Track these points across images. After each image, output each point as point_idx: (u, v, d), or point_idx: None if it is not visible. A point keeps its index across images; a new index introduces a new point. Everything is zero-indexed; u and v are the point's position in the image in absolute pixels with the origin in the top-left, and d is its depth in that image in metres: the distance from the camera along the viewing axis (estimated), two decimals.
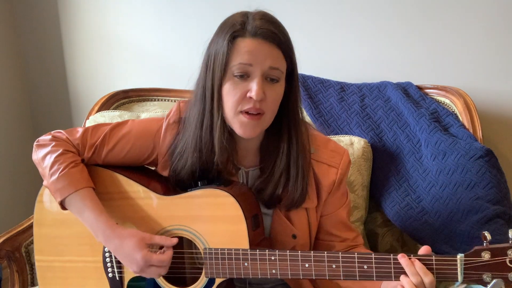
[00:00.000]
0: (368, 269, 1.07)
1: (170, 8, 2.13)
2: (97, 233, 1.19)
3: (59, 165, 1.20)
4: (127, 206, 1.25)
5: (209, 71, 1.17)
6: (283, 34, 1.15)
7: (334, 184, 1.26)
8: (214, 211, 1.18)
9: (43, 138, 1.28)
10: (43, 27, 2.32)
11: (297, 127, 1.21)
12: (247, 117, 1.13)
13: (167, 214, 1.22)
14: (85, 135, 1.27)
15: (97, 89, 2.27)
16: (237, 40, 1.12)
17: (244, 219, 1.15)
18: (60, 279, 1.31)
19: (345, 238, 1.31)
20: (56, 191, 1.20)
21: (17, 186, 2.40)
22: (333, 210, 1.29)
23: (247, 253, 1.14)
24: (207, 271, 1.18)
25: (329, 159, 1.26)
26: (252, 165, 1.27)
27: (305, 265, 1.11)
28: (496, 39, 1.81)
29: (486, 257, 0.99)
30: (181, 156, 1.22)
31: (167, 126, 1.26)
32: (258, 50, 1.11)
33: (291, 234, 1.24)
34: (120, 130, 1.27)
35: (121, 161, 1.28)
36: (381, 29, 1.91)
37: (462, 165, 1.54)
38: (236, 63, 1.12)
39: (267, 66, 1.12)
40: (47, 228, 1.31)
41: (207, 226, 1.19)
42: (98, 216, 1.18)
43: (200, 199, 1.19)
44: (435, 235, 1.50)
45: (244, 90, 1.12)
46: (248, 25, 1.13)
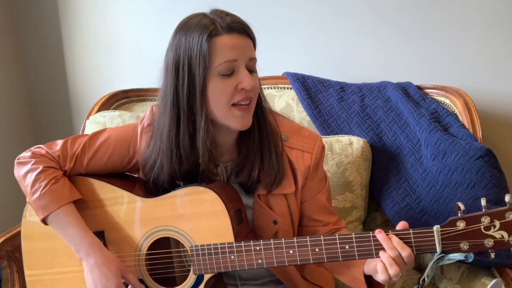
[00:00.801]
0: (350, 249, 1.10)
1: (170, 8, 2.13)
2: (79, 249, 1.21)
3: (40, 182, 1.22)
4: (111, 212, 1.26)
5: (182, 76, 1.16)
6: (249, 26, 1.19)
7: (310, 169, 1.28)
8: (197, 208, 1.19)
9: (23, 155, 1.30)
10: (43, 27, 2.33)
11: (263, 111, 1.25)
12: (240, 109, 1.16)
13: (152, 216, 1.23)
14: (65, 146, 1.28)
15: (97, 89, 2.28)
16: (215, 39, 1.13)
17: (227, 212, 1.16)
18: None
19: (327, 222, 1.33)
20: (38, 208, 1.22)
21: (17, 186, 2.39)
22: (313, 196, 1.31)
23: (233, 245, 1.16)
24: (195, 268, 1.19)
25: (302, 145, 1.29)
26: (231, 160, 1.28)
27: (289, 251, 1.13)
28: (496, 39, 1.81)
29: (461, 226, 1.03)
30: (155, 166, 1.22)
31: (142, 130, 1.28)
32: (238, 44, 1.14)
33: (272, 220, 1.26)
34: (98, 137, 1.29)
35: (103, 168, 1.29)
36: (381, 29, 1.91)
37: (462, 165, 1.54)
38: (222, 61, 1.12)
39: (247, 58, 1.16)
40: (35, 242, 1.32)
41: (191, 224, 1.20)
42: (83, 232, 1.21)
43: (183, 198, 1.21)
44: None
45: (234, 84, 1.14)
46: (219, 23, 1.14)
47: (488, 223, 1.02)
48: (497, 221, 1.02)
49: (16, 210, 2.35)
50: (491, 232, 1.02)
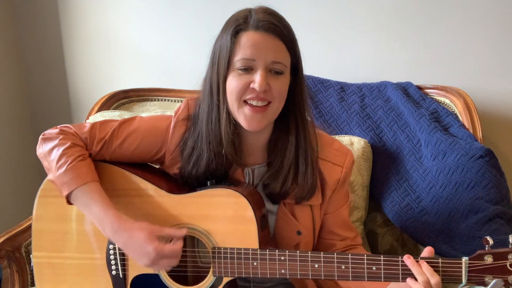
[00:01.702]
0: (376, 270, 1.09)
1: (170, 8, 2.13)
2: (104, 227, 1.17)
3: (66, 158, 1.19)
4: (134, 204, 1.25)
5: (214, 66, 1.19)
6: (285, 26, 1.16)
7: (338, 183, 1.28)
8: (224, 210, 1.18)
9: (49, 132, 1.26)
10: (43, 27, 2.32)
11: (304, 120, 1.22)
12: (251, 109, 1.14)
13: (176, 213, 1.22)
14: (94, 129, 1.26)
15: (97, 89, 2.28)
16: (240, 34, 1.14)
17: (255, 219, 1.16)
18: (59, 276, 1.30)
19: (345, 237, 1.32)
20: (63, 184, 1.19)
21: (17, 186, 2.40)
22: (336, 209, 1.31)
23: (257, 253, 1.15)
24: (215, 270, 1.18)
25: (334, 158, 1.27)
26: (258, 163, 1.27)
27: (314, 265, 1.12)
28: (496, 39, 1.81)
29: (488, 260, 1.04)
30: (193, 151, 1.23)
31: (176, 123, 1.26)
32: (261, 43, 1.13)
33: (296, 231, 1.25)
34: (129, 126, 1.27)
35: (128, 157, 1.28)
36: (381, 29, 1.91)
37: (462, 165, 1.54)
38: (239, 57, 1.13)
39: (269, 60, 1.13)
40: (47, 224, 1.30)
41: (216, 226, 1.19)
42: (107, 209, 1.17)
43: (210, 198, 1.20)
44: (435, 235, 1.50)
45: (248, 81, 1.14)
46: (250, 19, 1.14)
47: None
48: None
49: (16, 210, 2.36)
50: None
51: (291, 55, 1.17)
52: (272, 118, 1.19)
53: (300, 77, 1.22)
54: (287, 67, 1.17)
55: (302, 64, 1.22)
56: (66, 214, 1.27)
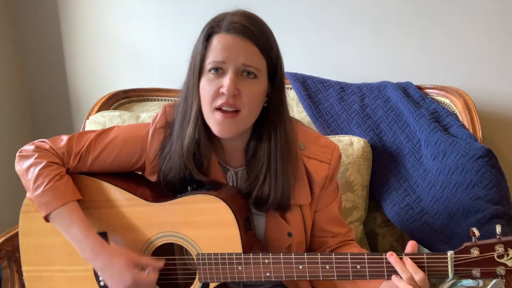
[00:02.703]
0: (361, 269, 1.09)
1: (170, 8, 2.13)
2: (83, 250, 1.17)
3: (43, 178, 1.18)
4: (115, 214, 1.24)
5: (190, 71, 1.18)
6: (260, 30, 1.13)
7: (326, 180, 1.26)
8: (205, 216, 1.17)
9: (25, 149, 1.25)
10: (43, 27, 2.32)
11: (280, 127, 1.19)
12: (221, 114, 1.12)
13: (158, 221, 1.21)
14: (70, 143, 1.24)
15: (97, 89, 2.27)
16: (212, 37, 1.13)
17: (236, 223, 1.15)
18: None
19: (337, 233, 1.31)
20: (41, 205, 1.18)
21: (17, 186, 2.39)
22: (325, 205, 1.29)
23: (241, 257, 1.14)
24: (200, 276, 1.18)
25: (320, 155, 1.25)
26: (240, 165, 1.27)
27: (299, 267, 1.12)
28: (496, 39, 1.81)
29: (475, 253, 1.02)
30: (169, 157, 1.21)
31: (154, 131, 1.25)
32: (231, 45, 1.10)
33: (287, 232, 1.24)
34: (106, 136, 1.25)
35: (107, 168, 1.26)
36: (381, 29, 1.91)
37: (462, 165, 1.54)
38: (210, 60, 1.12)
39: (240, 63, 1.11)
40: (33, 238, 1.29)
41: (198, 232, 1.18)
42: (86, 231, 1.17)
43: (191, 205, 1.19)
44: (435, 235, 1.50)
45: (218, 86, 1.12)
46: (223, 21, 1.12)
47: (502, 252, 1.01)
48: (510, 249, 1.01)
49: (16, 210, 2.35)
50: (504, 260, 1.02)
51: (267, 60, 1.14)
52: (244, 125, 1.17)
53: (280, 84, 1.19)
54: (261, 72, 1.13)
55: (282, 70, 1.19)
56: (51, 227, 1.25)
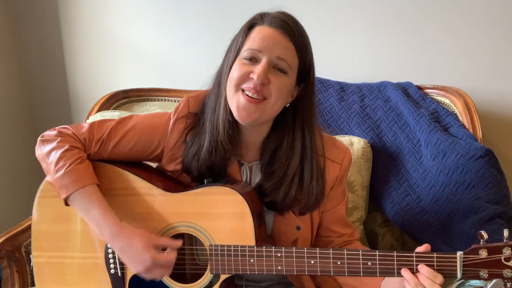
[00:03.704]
0: (372, 265, 1.10)
1: (170, 8, 2.13)
2: (102, 231, 1.18)
3: (65, 161, 1.20)
4: (132, 203, 1.25)
5: (225, 58, 1.21)
6: (299, 31, 1.18)
7: (336, 180, 1.29)
8: (221, 208, 1.19)
9: (48, 133, 1.27)
10: (43, 27, 2.32)
11: (311, 129, 1.22)
12: (245, 98, 1.14)
13: (173, 211, 1.23)
14: (92, 129, 1.26)
15: (97, 89, 2.28)
16: (254, 28, 1.17)
17: (251, 216, 1.17)
18: (59, 275, 1.31)
19: (342, 234, 1.33)
20: (62, 187, 1.19)
21: (17, 186, 2.40)
22: (333, 206, 1.32)
23: (253, 249, 1.16)
24: (212, 267, 1.19)
25: (332, 155, 1.28)
26: (256, 159, 1.28)
27: (310, 261, 1.13)
28: (496, 39, 1.81)
29: (483, 254, 1.05)
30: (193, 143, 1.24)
31: (176, 120, 1.27)
32: (270, 37, 1.14)
33: (295, 226, 1.26)
34: (126, 124, 1.28)
35: (126, 155, 1.28)
36: (381, 29, 1.91)
37: (462, 165, 1.54)
38: (247, 47, 1.15)
39: (274, 55, 1.14)
40: (46, 224, 1.30)
41: (213, 223, 1.20)
42: (105, 213, 1.18)
43: (207, 196, 1.21)
44: (435, 235, 1.50)
45: (249, 70, 1.14)
46: (266, 16, 1.17)
47: (509, 255, 1.04)
48: None
49: (16, 210, 2.36)
50: (511, 263, 1.04)
51: (299, 60, 1.18)
52: (266, 115, 1.18)
53: (310, 88, 1.22)
54: (292, 69, 1.17)
55: (313, 73, 1.22)
56: (65, 214, 1.28)
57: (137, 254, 1.15)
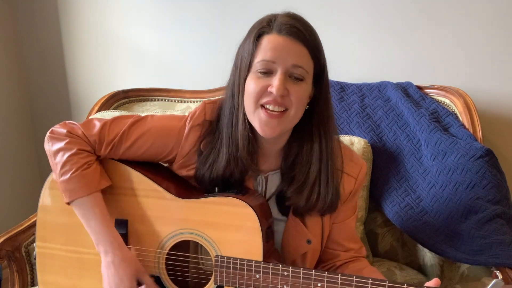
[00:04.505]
0: None
1: (170, 8, 2.13)
2: (98, 243, 1.19)
3: (71, 165, 1.18)
4: (140, 204, 1.24)
5: (236, 70, 1.17)
6: (310, 33, 1.14)
7: (350, 194, 1.27)
8: (230, 220, 1.17)
9: (57, 130, 1.23)
10: (43, 27, 2.32)
11: (327, 132, 1.19)
12: (266, 114, 1.11)
13: (181, 217, 1.22)
14: (103, 131, 1.22)
15: (97, 89, 2.28)
16: (263, 37, 1.12)
17: (261, 231, 1.15)
18: (61, 267, 1.30)
19: (350, 249, 1.31)
20: (65, 191, 1.19)
21: (17, 186, 2.40)
22: (344, 219, 1.29)
23: (260, 265, 1.14)
24: (216, 278, 1.18)
25: (349, 169, 1.25)
26: (272, 169, 1.25)
27: (317, 284, 1.10)
28: (496, 39, 1.81)
29: None
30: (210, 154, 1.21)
31: (191, 127, 1.23)
32: (282, 46, 1.11)
33: (306, 239, 1.24)
34: (139, 127, 1.24)
35: (138, 157, 1.26)
36: (381, 29, 1.91)
37: (462, 165, 1.54)
38: (260, 59, 1.11)
39: (290, 64, 1.11)
40: (52, 215, 1.30)
41: (221, 234, 1.18)
42: (105, 228, 1.18)
43: (217, 206, 1.19)
44: (435, 235, 1.50)
45: (266, 84, 1.11)
46: (274, 22, 1.13)
47: None
48: None
49: (16, 210, 2.36)
50: None
51: (314, 62, 1.15)
52: (289, 126, 1.16)
53: (325, 87, 1.19)
54: (309, 74, 1.14)
55: (327, 73, 1.20)
56: (71, 208, 1.26)
57: (119, 278, 1.17)
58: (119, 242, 1.19)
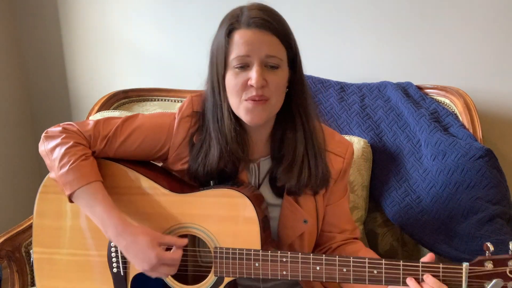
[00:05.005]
0: (377, 274, 1.10)
1: (170, 8, 2.13)
2: (107, 228, 1.17)
3: (69, 157, 1.19)
4: (137, 202, 1.25)
5: (213, 67, 1.21)
6: (278, 21, 1.18)
7: (340, 173, 1.30)
8: (227, 211, 1.19)
9: (52, 130, 1.26)
10: (43, 28, 2.33)
11: (307, 112, 1.24)
12: (251, 102, 1.16)
13: (178, 212, 1.22)
14: (97, 127, 1.26)
15: (97, 89, 2.28)
16: (234, 33, 1.16)
17: (258, 220, 1.17)
18: (60, 272, 1.30)
19: (344, 229, 1.34)
20: (66, 184, 1.18)
21: (17, 186, 2.40)
22: (337, 200, 1.33)
23: (259, 254, 1.15)
24: (216, 269, 1.19)
25: (335, 149, 1.30)
26: (263, 156, 1.29)
27: (316, 267, 1.12)
28: (496, 39, 1.81)
29: (489, 266, 1.04)
30: (201, 148, 1.24)
31: (180, 120, 1.27)
32: (253, 39, 1.14)
33: (303, 219, 1.26)
34: (132, 122, 1.28)
35: (132, 153, 1.28)
36: (382, 29, 1.91)
37: (462, 165, 1.54)
38: (235, 56, 1.15)
39: (263, 55, 1.15)
40: (48, 220, 1.30)
41: (219, 226, 1.19)
42: (110, 211, 1.17)
43: (213, 199, 1.20)
44: (435, 235, 1.50)
45: (245, 79, 1.15)
46: (242, 17, 1.16)
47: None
48: None
49: (16, 210, 2.36)
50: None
51: (287, 48, 1.19)
52: (273, 112, 1.21)
53: (299, 70, 1.23)
54: (283, 61, 1.18)
55: (300, 57, 1.24)
56: (67, 210, 1.27)
57: (142, 252, 1.14)
58: (124, 222, 1.17)
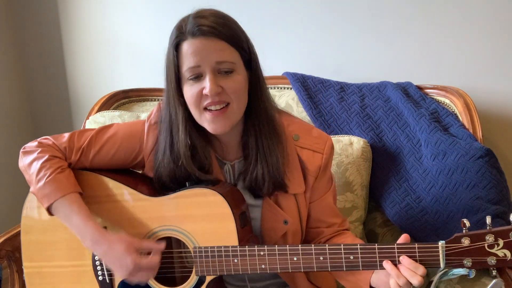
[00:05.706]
0: (354, 259, 1.10)
1: (170, 8, 2.13)
2: (84, 238, 1.19)
3: (45, 170, 1.21)
4: (115, 209, 1.26)
5: (168, 80, 1.21)
6: (224, 25, 1.15)
7: (320, 169, 1.28)
8: (202, 210, 1.20)
9: (29, 145, 1.29)
10: (43, 28, 2.33)
11: (262, 111, 1.22)
12: (211, 114, 1.16)
13: (156, 215, 1.23)
14: (72, 138, 1.28)
15: (97, 89, 2.28)
16: (181, 45, 1.16)
17: (233, 216, 1.17)
18: (50, 284, 1.31)
19: (332, 223, 1.33)
20: (43, 197, 1.21)
21: (17, 186, 2.40)
22: (320, 196, 1.31)
23: (237, 249, 1.16)
24: (197, 269, 1.19)
25: (313, 145, 1.28)
26: (237, 157, 1.29)
27: (293, 258, 1.13)
28: (496, 39, 1.81)
29: (466, 243, 1.04)
30: (161, 161, 1.25)
31: (149, 127, 1.29)
32: (201, 48, 1.13)
33: (283, 220, 1.26)
34: (106, 132, 1.29)
35: (108, 163, 1.30)
36: (381, 29, 1.91)
37: (462, 165, 1.54)
38: (186, 68, 1.15)
39: (214, 62, 1.13)
40: (35, 235, 1.31)
41: (196, 225, 1.20)
42: (86, 220, 1.19)
43: (188, 199, 1.21)
44: (435, 235, 1.50)
45: (200, 88, 1.15)
46: (186, 27, 1.15)
47: (492, 242, 1.03)
48: (501, 239, 1.02)
49: (16, 210, 2.35)
50: (494, 250, 1.03)
51: (239, 51, 1.17)
52: (237, 117, 1.20)
53: (255, 70, 1.22)
54: (237, 64, 1.16)
55: (256, 55, 1.22)
56: (53, 223, 1.28)
57: (118, 259, 1.16)
58: (101, 230, 1.19)
